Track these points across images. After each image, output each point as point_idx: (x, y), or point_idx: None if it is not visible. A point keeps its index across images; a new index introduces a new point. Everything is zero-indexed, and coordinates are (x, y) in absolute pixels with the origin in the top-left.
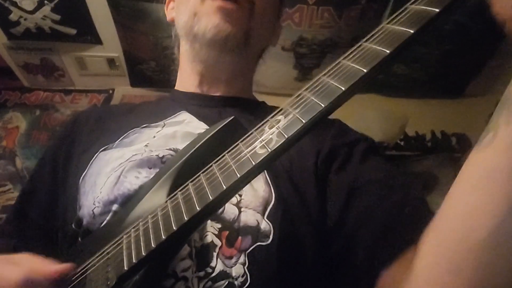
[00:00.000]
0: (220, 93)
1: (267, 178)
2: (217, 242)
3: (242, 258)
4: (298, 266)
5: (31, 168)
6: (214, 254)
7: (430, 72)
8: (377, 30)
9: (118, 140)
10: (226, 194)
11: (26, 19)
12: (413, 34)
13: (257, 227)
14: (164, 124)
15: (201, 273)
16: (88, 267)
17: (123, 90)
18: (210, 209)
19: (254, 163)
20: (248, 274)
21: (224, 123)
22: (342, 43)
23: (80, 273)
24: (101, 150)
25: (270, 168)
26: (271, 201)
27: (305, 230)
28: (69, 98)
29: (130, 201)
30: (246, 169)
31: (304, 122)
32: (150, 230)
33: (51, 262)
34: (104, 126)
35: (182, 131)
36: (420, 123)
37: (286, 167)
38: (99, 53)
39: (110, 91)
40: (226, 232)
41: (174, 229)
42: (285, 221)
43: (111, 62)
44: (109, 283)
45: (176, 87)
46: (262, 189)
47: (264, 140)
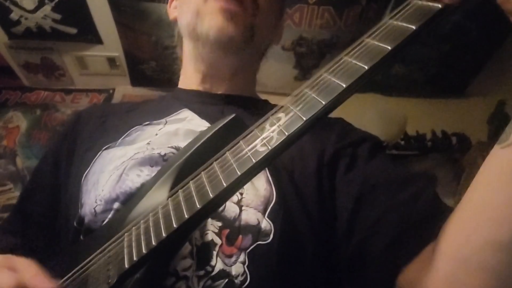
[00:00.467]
0: (222, 91)
1: (269, 177)
2: (217, 240)
3: (242, 256)
4: (298, 266)
5: (32, 167)
6: (214, 253)
7: (430, 72)
8: (379, 25)
9: (121, 138)
10: (226, 192)
11: (26, 19)
12: (415, 30)
13: (257, 226)
14: (166, 121)
15: (201, 271)
16: (89, 265)
17: (124, 89)
18: (210, 207)
19: (254, 161)
20: (247, 273)
21: (225, 121)
22: (342, 43)
23: (81, 271)
24: (104, 148)
25: (272, 167)
26: (272, 200)
27: (305, 231)
28: (69, 98)
29: (131, 199)
30: (246, 167)
31: (305, 120)
32: (151, 228)
33: (46, 276)
34: (106, 124)
35: (184, 129)
36: (420, 123)
37: (288, 167)
38: (100, 52)
39: (111, 91)
40: (226, 230)
41: (175, 227)
42: (286, 220)
43: (112, 61)
44: (110, 281)
45: (179, 86)
46: (263, 188)
47: (265, 138)
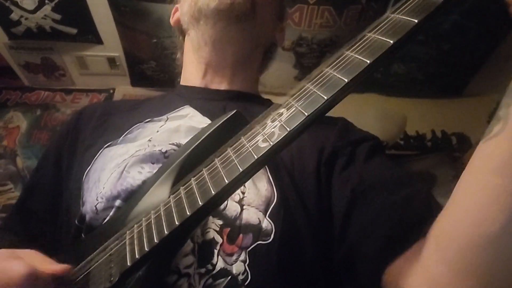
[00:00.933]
0: (224, 87)
1: (270, 177)
2: (218, 239)
3: (243, 255)
4: (298, 265)
5: (32, 167)
6: (215, 251)
7: (429, 71)
8: (380, 20)
9: (122, 136)
10: (228, 189)
11: (27, 19)
12: (417, 24)
13: (258, 226)
14: (167, 118)
15: (202, 269)
16: (91, 263)
17: (124, 89)
18: (212, 203)
19: (256, 157)
20: (248, 272)
21: (227, 117)
22: (342, 43)
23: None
24: (105, 146)
25: (273, 167)
26: (274, 200)
27: (305, 231)
28: (69, 98)
29: (133, 196)
30: (248, 163)
31: (306, 115)
32: (153, 226)
33: (53, 261)
34: (108, 122)
35: (186, 125)
36: (420, 123)
37: (288, 167)
38: (100, 52)
39: (111, 91)
40: (227, 229)
41: (177, 224)
42: (286, 220)
43: (112, 61)
44: (112, 279)
45: (180, 83)
46: (264, 188)
47: (266, 133)
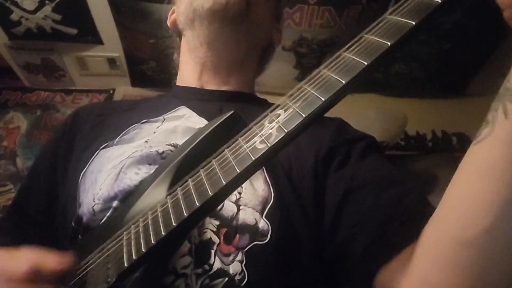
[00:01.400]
0: (220, 87)
1: (267, 177)
2: (215, 239)
3: (240, 256)
4: (295, 266)
5: None
6: (212, 252)
7: (430, 71)
8: (378, 21)
9: (119, 137)
10: (226, 190)
11: (27, 19)
12: (415, 25)
13: (255, 226)
14: (164, 119)
15: (199, 269)
16: (88, 264)
17: (124, 90)
18: (210, 205)
19: (253, 158)
20: (245, 272)
21: (224, 117)
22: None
23: (80, 270)
24: (101, 147)
25: (269, 167)
26: (270, 200)
27: (302, 231)
28: (70, 98)
29: (130, 197)
30: (245, 164)
31: (304, 117)
32: (150, 227)
33: (55, 254)
34: (105, 123)
35: (183, 126)
36: (420, 123)
37: (285, 168)
38: (100, 53)
39: (111, 91)
40: (224, 229)
41: (174, 225)
42: (283, 221)
43: (112, 62)
44: (109, 280)
45: (177, 83)
46: (261, 188)
47: (263, 135)
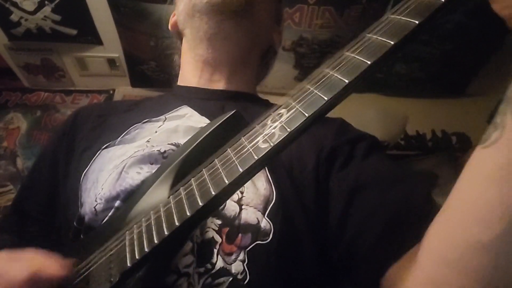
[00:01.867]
0: (222, 86)
1: (269, 176)
2: (217, 238)
3: (242, 255)
4: (297, 265)
5: None
6: (215, 251)
7: (430, 71)
8: (380, 21)
9: (120, 137)
10: (229, 190)
11: (26, 20)
12: (418, 25)
13: (257, 226)
14: (165, 118)
15: (201, 269)
16: (90, 264)
17: (124, 90)
18: (213, 204)
19: (256, 158)
20: (247, 271)
21: (226, 117)
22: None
23: (83, 270)
24: (103, 147)
25: (272, 166)
26: (272, 200)
27: (304, 230)
28: (69, 99)
29: (132, 196)
30: (248, 164)
31: (307, 116)
32: (153, 226)
33: (56, 257)
34: (106, 123)
35: (184, 125)
36: (420, 123)
37: (287, 167)
38: (100, 53)
39: (111, 92)
40: (226, 228)
41: (177, 224)
42: (285, 220)
43: (112, 62)
44: (112, 280)
45: (178, 83)
46: (263, 187)
47: (266, 134)
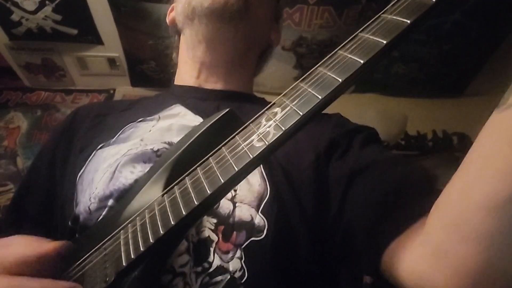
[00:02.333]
0: (219, 86)
1: (263, 172)
2: (213, 237)
3: (239, 252)
4: (293, 261)
5: None
6: (211, 249)
7: (430, 71)
8: (373, 20)
9: (115, 136)
10: (224, 188)
11: (27, 20)
12: (410, 24)
13: (251, 222)
14: (159, 117)
15: (198, 268)
16: (85, 264)
17: (124, 90)
18: (208, 203)
19: (251, 157)
20: (245, 269)
21: (220, 115)
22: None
23: (77, 269)
24: (98, 148)
25: (267, 163)
26: (266, 196)
27: (299, 226)
28: (70, 98)
29: (125, 196)
30: (243, 162)
31: (301, 115)
32: (148, 226)
33: (46, 240)
34: (102, 123)
35: (178, 124)
36: (421, 123)
37: (283, 163)
38: (100, 53)
39: (111, 91)
40: (222, 227)
41: (172, 224)
42: (279, 216)
43: (112, 62)
44: (107, 280)
45: (174, 83)
46: (257, 183)
47: (261, 133)
